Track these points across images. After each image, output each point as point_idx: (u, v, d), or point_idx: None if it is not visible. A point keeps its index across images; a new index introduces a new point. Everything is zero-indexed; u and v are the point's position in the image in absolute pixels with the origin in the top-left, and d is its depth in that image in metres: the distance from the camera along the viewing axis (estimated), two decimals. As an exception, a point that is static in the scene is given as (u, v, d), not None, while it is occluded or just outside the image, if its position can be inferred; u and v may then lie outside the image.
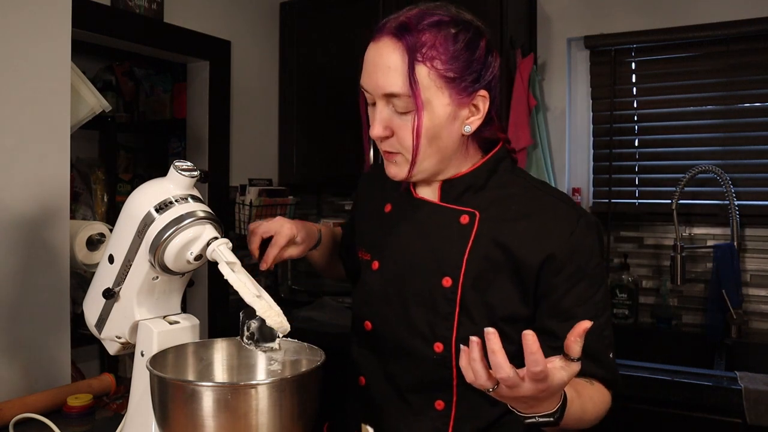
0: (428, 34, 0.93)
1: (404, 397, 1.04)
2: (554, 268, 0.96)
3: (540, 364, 0.74)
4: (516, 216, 1.00)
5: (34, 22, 1.41)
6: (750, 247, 2.15)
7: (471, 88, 0.96)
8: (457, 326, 0.98)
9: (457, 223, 1.01)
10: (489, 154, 1.05)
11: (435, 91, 0.93)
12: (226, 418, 0.79)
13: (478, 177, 1.03)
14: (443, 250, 1.01)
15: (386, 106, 0.96)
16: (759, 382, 1.53)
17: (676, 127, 2.28)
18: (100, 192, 2.88)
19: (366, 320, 1.09)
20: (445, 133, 0.97)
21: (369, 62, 0.97)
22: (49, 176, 1.45)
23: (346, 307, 2.37)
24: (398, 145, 0.98)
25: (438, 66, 0.93)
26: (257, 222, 1.12)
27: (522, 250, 0.97)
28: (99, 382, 1.41)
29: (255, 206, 2.55)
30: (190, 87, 2.58)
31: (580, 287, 0.97)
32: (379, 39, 0.96)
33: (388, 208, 1.12)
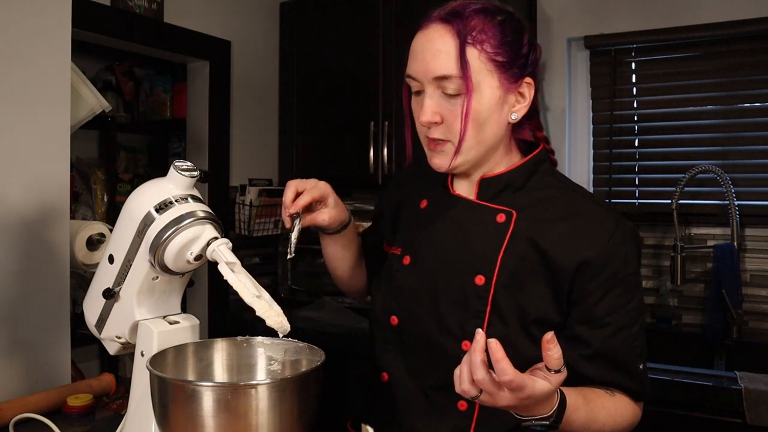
0: (476, 19, 0.94)
1: (427, 395, 1.03)
2: (589, 273, 0.95)
3: (508, 372, 0.74)
4: (553, 218, 0.99)
5: (34, 22, 1.41)
6: (750, 247, 2.15)
7: (518, 75, 0.96)
8: (488, 325, 0.97)
9: (494, 221, 1.00)
10: (529, 155, 1.04)
11: (485, 74, 0.94)
12: (226, 418, 0.79)
13: (517, 177, 1.03)
14: (478, 247, 1.00)
15: (435, 90, 0.96)
16: (759, 382, 1.53)
17: (676, 127, 2.28)
18: (100, 192, 2.88)
19: (393, 315, 1.07)
20: (494, 118, 0.96)
21: (417, 49, 0.97)
22: (49, 176, 1.45)
23: (346, 307, 2.37)
24: (447, 132, 0.97)
25: (488, 49, 0.93)
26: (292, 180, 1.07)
27: (558, 253, 0.96)
28: (99, 382, 1.41)
29: (255, 206, 2.55)
30: (190, 87, 2.58)
31: (614, 294, 0.96)
32: (427, 26, 0.97)
33: (424, 204, 1.11)
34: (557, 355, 0.77)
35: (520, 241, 0.98)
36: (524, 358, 0.85)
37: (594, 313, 0.96)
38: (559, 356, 0.77)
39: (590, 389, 0.95)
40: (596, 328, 0.96)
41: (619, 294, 0.96)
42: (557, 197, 1.01)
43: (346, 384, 2.12)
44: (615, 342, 0.95)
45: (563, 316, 0.98)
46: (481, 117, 0.95)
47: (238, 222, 2.59)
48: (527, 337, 0.97)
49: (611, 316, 0.95)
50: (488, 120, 0.96)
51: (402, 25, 2.39)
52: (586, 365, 0.96)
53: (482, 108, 0.95)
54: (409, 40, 1.02)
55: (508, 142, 1.04)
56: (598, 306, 0.96)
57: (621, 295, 0.96)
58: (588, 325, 0.96)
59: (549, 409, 0.82)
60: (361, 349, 2.09)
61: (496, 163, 1.03)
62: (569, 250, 0.96)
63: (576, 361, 0.95)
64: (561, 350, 0.77)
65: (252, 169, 2.70)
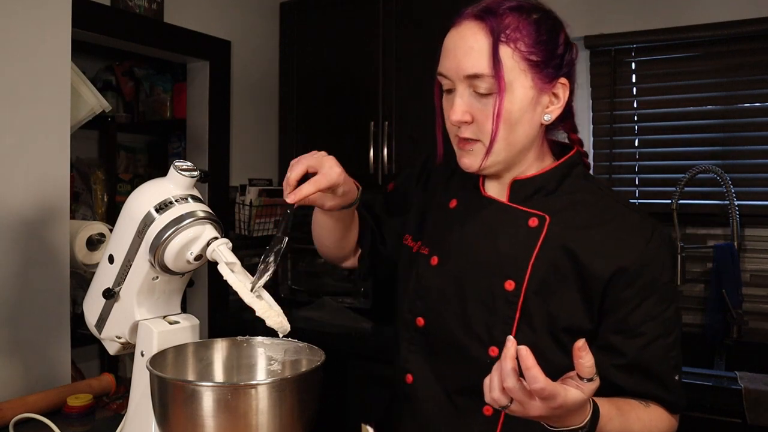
0: (511, 17, 0.91)
1: (452, 399, 1.01)
2: (624, 281, 0.92)
3: (539, 380, 0.72)
4: (587, 224, 0.96)
5: (34, 22, 1.41)
6: (750, 247, 2.15)
7: (553, 75, 0.94)
8: (516, 331, 0.94)
9: (526, 225, 0.98)
10: (563, 158, 1.02)
11: (518, 73, 0.91)
12: (226, 418, 0.79)
13: (550, 180, 1.00)
14: (509, 252, 0.97)
15: (467, 89, 0.94)
16: (759, 382, 1.53)
17: (676, 127, 2.27)
18: (100, 192, 2.88)
19: (419, 316, 1.05)
20: (526, 118, 0.94)
21: (450, 46, 0.95)
22: (49, 176, 1.45)
23: (346, 307, 2.37)
24: (477, 131, 0.95)
25: (522, 48, 0.91)
26: (306, 155, 1.00)
27: (592, 260, 0.93)
28: (99, 382, 1.41)
29: (255, 206, 2.55)
30: (190, 87, 2.58)
31: (650, 303, 0.93)
32: (460, 24, 0.94)
33: (453, 203, 1.07)
34: (589, 364, 0.75)
35: (552, 247, 0.95)
36: (553, 367, 0.82)
37: (628, 322, 0.93)
38: (591, 364, 0.75)
39: (624, 400, 0.92)
40: (631, 338, 0.93)
41: (654, 302, 0.93)
42: (591, 202, 0.99)
43: (346, 384, 2.12)
44: (650, 352, 0.93)
45: (594, 324, 0.95)
46: (513, 117, 0.93)
47: (238, 222, 2.59)
48: (556, 344, 0.95)
49: (646, 325, 0.93)
50: (520, 120, 0.93)
51: (402, 25, 2.39)
52: (620, 375, 0.93)
53: (514, 108, 0.92)
54: (409, 40, 1.02)
55: (541, 144, 1.01)
56: (633, 315, 0.93)
57: (657, 303, 0.93)
58: (622, 334, 0.93)
59: (582, 420, 0.80)
60: (361, 349, 2.10)
61: (529, 165, 1.01)
62: (604, 257, 0.93)
63: (609, 371, 0.93)
64: (593, 358, 0.75)
65: (252, 169, 2.70)
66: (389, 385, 1.16)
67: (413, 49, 2.36)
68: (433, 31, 2.31)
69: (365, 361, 2.08)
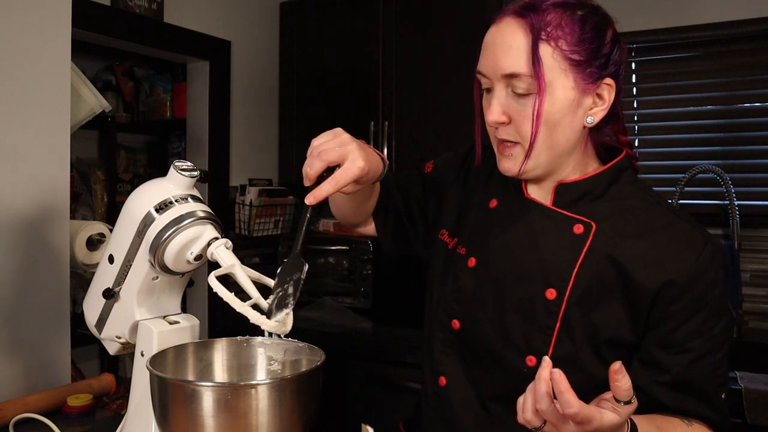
0: (553, 13, 0.87)
1: (485, 405, 0.98)
2: (673, 294, 0.88)
3: (573, 405, 0.70)
4: (635, 233, 0.91)
5: (34, 22, 1.41)
6: (750, 247, 2.15)
7: (597, 75, 0.89)
8: (555, 342, 0.91)
9: (570, 232, 0.93)
10: (611, 162, 0.96)
11: (558, 72, 0.87)
12: (226, 418, 0.79)
13: (597, 184, 0.95)
14: (551, 258, 0.93)
15: (505, 89, 0.90)
16: (759, 382, 1.53)
17: (676, 127, 2.28)
18: (100, 192, 2.88)
19: (454, 319, 1.01)
20: (567, 121, 0.89)
21: (488, 44, 0.90)
22: (49, 176, 1.45)
23: (346, 307, 2.37)
24: (515, 133, 0.91)
25: (563, 47, 0.86)
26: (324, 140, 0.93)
27: (639, 272, 0.89)
28: (99, 382, 1.41)
29: (255, 206, 2.55)
30: (190, 87, 2.58)
31: (698, 318, 0.88)
32: (500, 20, 0.90)
33: (494, 203, 1.03)
34: (626, 387, 0.72)
35: (597, 256, 0.91)
36: (592, 380, 0.79)
37: (674, 337, 0.89)
38: (628, 387, 0.72)
39: (665, 418, 0.89)
40: (676, 354, 0.89)
41: (704, 318, 0.89)
42: (640, 209, 0.93)
43: (346, 384, 2.12)
44: (696, 369, 0.89)
45: (638, 337, 0.91)
46: (552, 119, 0.88)
47: (238, 222, 2.59)
48: (596, 357, 0.91)
49: (694, 342, 0.88)
50: (560, 123, 0.89)
51: (402, 25, 2.39)
52: (663, 392, 0.90)
53: (554, 110, 0.88)
54: (409, 40, 1.01)
55: (585, 147, 0.96)
56: (680, 330, 0.88)
57: (706, 319, 0.89)
58: (667, 349, 0.89)
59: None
60: (361, 349, 2.09)
61: (572, 169, 0.96)
62: (652, 268, 0.88)
63: (652, 387, 0.90)
64: (630, 380, 0.73)
65: (252, 169, 2.70)
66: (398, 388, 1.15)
67: (413, 49, 2.36)
68: (433, 31, 2.32)
69: (365, 361, 2.08)
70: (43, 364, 1.44)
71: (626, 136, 1.01)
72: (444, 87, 2.28)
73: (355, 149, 0.91)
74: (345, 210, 1.13)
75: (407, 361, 1.95)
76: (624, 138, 1.01)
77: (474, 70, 0.95)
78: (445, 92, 2.28)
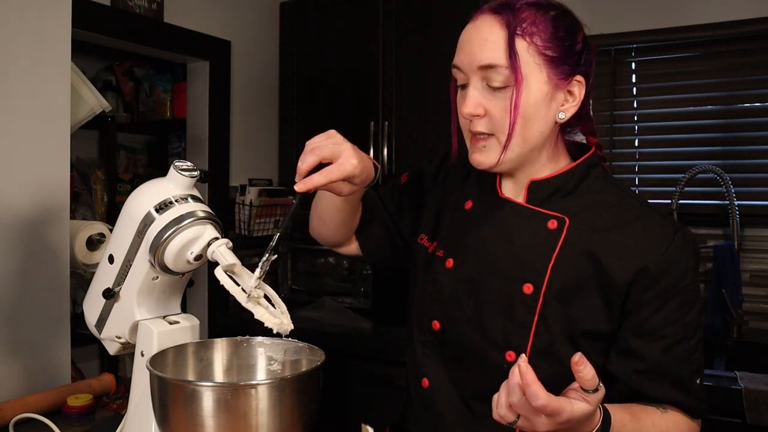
0: (528, 12, 0.91)
1: (468, 404, 0.99)
2: (646, 282, 0.90)
3: (540, 397, 0.71)
4: (608, 225, 0.94)
5: (34, 22, 1.41)
6: (750, 247, 2.15)
7: (569, 72, 0.93)
8: (534, 336, 0.93)
9: (544, 227, 0.95)
10: (580, 158, 1.00)
11: (533, 67, 0.90)
12: (226, 418, 0.79)
13: (568, 180, 0.98)
14: (526, 254, 0.95)
15: (480, 81, 0.92)
16: (759, 382, 1.53)
17: (676, 127, 2.28)
18: (100, 192, 2.88)
19: (434, 320, 1.03)
20: (541, 114, 0.92)
21: (465, 39, 0.94)
22: (49, 176, 1.45)
23: (346, 307, 2.37)
24: (491, 125, 0.93)
25: (538, 42, 0.90)
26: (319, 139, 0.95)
27: (613, 263, 0.91)
28: (99, 382, 1.41)
29: (255, 206, 2.55)
30: (190, 87, 2.58)
31: (671, 305, 0.91)
32: (477, 18, 0.94)
33: (469, 204, 1.05)
34: (590, 376, 0.74)
35: (572, 250, 0.93)
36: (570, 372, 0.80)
37: (649, 324, 0.91)
38: (592, 376, 0.74)
39: (639, 406, 0.91)
40: (651, 341, 0.91)
41: (677, 305, 0.91)
42: (611, 202, 0.96)
43: (346, 384, 2.12)
44: (671, 356, 0.91)
45: (614, 328, 0.93)
46: (528, 112, 0.91)
47: (238, 222, 2.59)
48: (574, 349, 0.89)
49: (667, 329, 0.91)
50: (534, 116, 0.92)
51: (402, 25, 2.39)
52: (641, 381, 0.92)
53: (529, 102, 0.91)
54: (409, 40, 1.02)
55: (555, 143, 0.99)
56: (654, 317, 0.91)
57: (679, 306, 0.91)
58: (642, 337, 0.91)
59: (591, 428, 0.79)
60: (361, 349, 2.10)
61: (542, 165, 0.98)
62: (625, 258, 0.91)
63: (631, 377, 0.92)
64: (593, 369, 0.74)
65: (252, 169, 2.70)
66: (398, 388, 1.15)
67: (413, 49, 2.36)
68: (433, 31, 2.32)
69: (365, 361, 2.08)
70: (43, 364, 1.44)
71: (596, 138, 1.04)
72: (444, 87, 2.26)
73: (348, 148, 0.93)
74: (334, 221, 1.12)
75: (407, 361, 1.95)
76: (593, 139, 1.04)
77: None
78: (445, 92, 2.26)
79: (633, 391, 0.92)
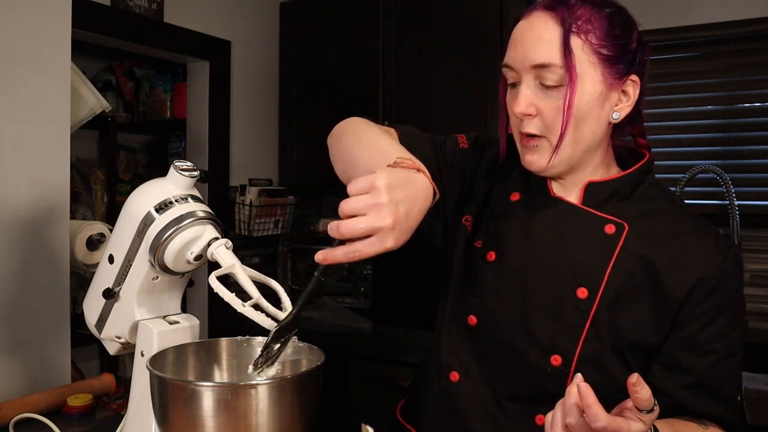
0: (583, 9, 0.89)
1: (500, 404, 0.96)
2: (700, 296, 0.88)
3: (601, 419, 0.69)
4: (664, 235, 0.92)
5: (34, 22, 1.41)
6: (750, 247, 2.15)
7: (624, 71, 0.90)
8: (583, 342, 0.90)
9: (602, 232, 0.92)
10: (638, 164, 0.97)
11: (587, 65, 0.88)
12: (226, 418, 0.79)
13: (625, 185, 0.95)
14: (582, 258, 0.92)
15: (533, 80, 0.90)
16: (759, 382, 1.53)
17: (676, 127, 2.28)
18: (100, 192, 2.88)
19: (471, 314, 0.99)
20: (594, 115, 0.90)
21: (518, 36, 0.91)
22: (49, 176, 1.45)
23: (346, 307, 2.37)
24: (542, 126, 0.90)
25: (593, 40, 0.87)
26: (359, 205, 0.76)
27: (670, 273, 0.89)
28: (99, 382, 1.41)
29: (255, 206, 2.55)
30: (190, 87, 2.58)
31: (722, 320, 0.89)
32: (530, 14, 0.91)
33: (515, 197, 1.01)
34: (647, 396, 0.71)
35: (629, 257, 0.91)
36: (614, 383, 0.79)
37: (699, 338, 0.89)
38: (648, 397, 0.72)
39: (682, 422, 0.88)
40: (700, 355, 0.89)
41: (727, 320, 0.89)
42: (666, 211, 0.94)
43: (346, 384, 2.12)
44: (718, 371, 0.89)
45: (662, 341, 0.91)
46: (581, 112, 0.89)
47: (238, 222, 2.59)
48: (619, 360, 0.91)
49: (717, 343, 0.89)
50: (587, 116, 0.89)
51: (402, 25, 2.39)
52: (687, 395, 0.89)
53: (583, 102, 0.88)
54: (409, 40, 1.01)
55: (607, 148, 0.96)
56: (705, 331, 0.89)
57: (729, 321, 0.89)
58: (691, 351, 0.89)
59: None
60: (361, 349, 2.10)
61: (595, 168, 0.96)
62: (683, 270, 0.89)
63: (678, 391, 0.89)
64: (650, 390, 0.72)
65: (252, 169, 2.70)
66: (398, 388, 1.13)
67: (413, 49, 2.36)
68: (433, 31, 2.32)
69: (365, 361, 2.08)
70: (43, 364, 1.44)
71: (645, 139, 1.01)
72: (444, 87, 2.28)
73: (389, 224, 0.75)
74: None
75: (407, 361, 1.95)
76: (643, 141, 1.00)
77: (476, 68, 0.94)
78: (445, 92, 2.28)
79: (677, 405, 0.90)
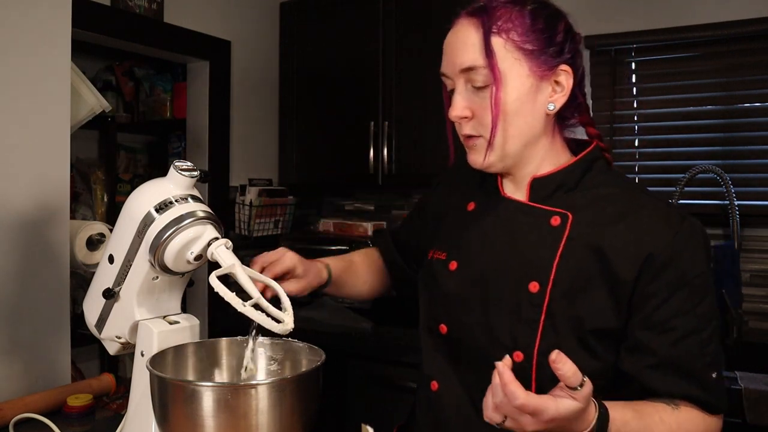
0: (503, 9, 0.92)
1: (478, 407, 0.97)
2: (652, 273, 0.88)
3: (518, 396, 0.71)
4: (612, 219, 0.92)
5: (34, 22, 1.41)
6: (750, 247, 2.15)
7: (552, 62, 0.92)
8: (541, 335, 0.91)
9: (547, 224, 0.95)
10: (582, 153, 0.99)
11: (512, 62, 0.91)
12: (226, 418, 0.79)
13: (570, 176, 0.97)
14: (531, 252, 0.94)
15: (464, 84, 0.94)
16: (759, 382, 1.53)
17: (676, 127, 2.27)
18: (100, 192, 2.88)
19: (441, 323, 1.02)
20: (527, 109, 0.93)
21: (446, 46, 0.96)
22: (49, 176, 1.45)
23: (346, 307, 2.37)
24: (478, 126, 0.95)
25: (514, 37, 0.91)
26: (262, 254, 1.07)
27: (619, 256, 0.90)
28: (99, 382, 1.41)
29: (255, 206, 2.55)
30: (190, 87, 2.58)
31: (680, 296, 0.88)
32: (455, 23, 0.96)
33: (471, 206, 1.05)
34: (570, 372, 0.73)
35: (577, 246, 0.92)
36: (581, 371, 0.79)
37: (657, 316, 0.89)
38: (573, 372, 0.73)
39: (645, 402, 0.88)
40: (660, 333, 0.88)
41: (685, 297, 0.89)
42: (615, 195, 0.95)
43: (346, 384, 2.12)
44: (682, 348, 0.88)
45: (622, 324, 0.91)
46: (512, 108, 0.92)
47: (238, 222, 2.59)
48: (583, 348, 0.91)
49: (676, 320, 0.88)
50: (520, 111, 0.92)
51: (402, 25, 2.39)
52: (652, 376, 0.89)
53: (511, 98, 0.91)
54: (409, 40, 1.03)
55: (553, 138, 0.98)
56: (662, 308, 0.89)
57: (688, 297, 0.89)
58: (651, 330, 0.89)
59: (585, 426, 0.78)
60: (361, 349, 2.09)
61: (541, 161, 0.98)
62: (631, 249, 0.89)
63: (642, 373, 0.89)
64: (573, 365, 0.73)
65: (252, 169, 2.70)
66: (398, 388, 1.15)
67: (413, 49, 2.36)
68: (433, 31, 2.32)
69: (365, 361, 2.08)
70: (43, 364, 1.44)
71: (595, 128, 1.03)
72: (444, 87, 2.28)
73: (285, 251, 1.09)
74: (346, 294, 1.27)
75: (407, 361, 1.95)
76: (593, 130, 1.03)
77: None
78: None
79: (643, 387, 0.90)
